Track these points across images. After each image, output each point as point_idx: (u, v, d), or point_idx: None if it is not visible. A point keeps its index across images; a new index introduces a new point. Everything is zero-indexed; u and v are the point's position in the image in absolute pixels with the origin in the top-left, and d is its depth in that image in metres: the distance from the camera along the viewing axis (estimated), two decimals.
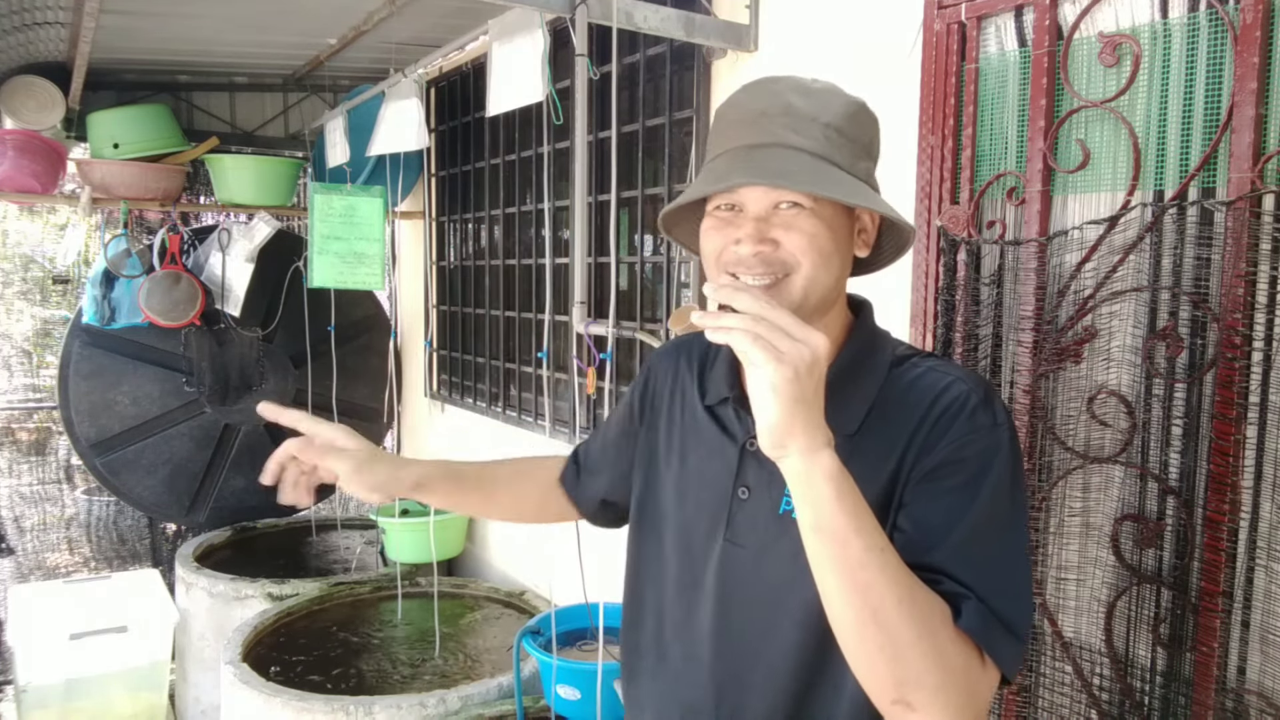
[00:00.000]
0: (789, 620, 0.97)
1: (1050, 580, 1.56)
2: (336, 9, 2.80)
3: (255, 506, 3.94)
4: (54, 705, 3.05)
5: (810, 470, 0.79)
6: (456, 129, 3.66)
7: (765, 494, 1.00)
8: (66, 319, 4.72)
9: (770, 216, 0.93)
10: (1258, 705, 1.32)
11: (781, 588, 0.98)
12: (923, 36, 1.73)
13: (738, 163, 0.92)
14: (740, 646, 1.02)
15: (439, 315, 3.94)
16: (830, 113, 0.95)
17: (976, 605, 0.84)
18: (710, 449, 1.07)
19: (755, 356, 0.76)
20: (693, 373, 1.14)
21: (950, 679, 0.81)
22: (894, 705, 0.81)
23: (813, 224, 0.93)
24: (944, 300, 1.70)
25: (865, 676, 0.83)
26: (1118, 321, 1.46)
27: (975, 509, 0.88)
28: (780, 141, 0.92)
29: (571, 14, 1.93)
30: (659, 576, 1.12)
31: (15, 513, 5.06)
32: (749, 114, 0.95)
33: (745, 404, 1.01)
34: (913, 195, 1.78)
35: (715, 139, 1.00)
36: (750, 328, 0.76)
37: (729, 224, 0.95)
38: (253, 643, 2.74)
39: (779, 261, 0.92)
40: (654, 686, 1.12)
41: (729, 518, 1.02)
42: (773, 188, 0.91)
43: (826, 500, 0.79)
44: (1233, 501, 1.32)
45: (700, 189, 0.95)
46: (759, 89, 0.97)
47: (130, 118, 3.45)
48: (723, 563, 1.03)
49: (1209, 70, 1.35)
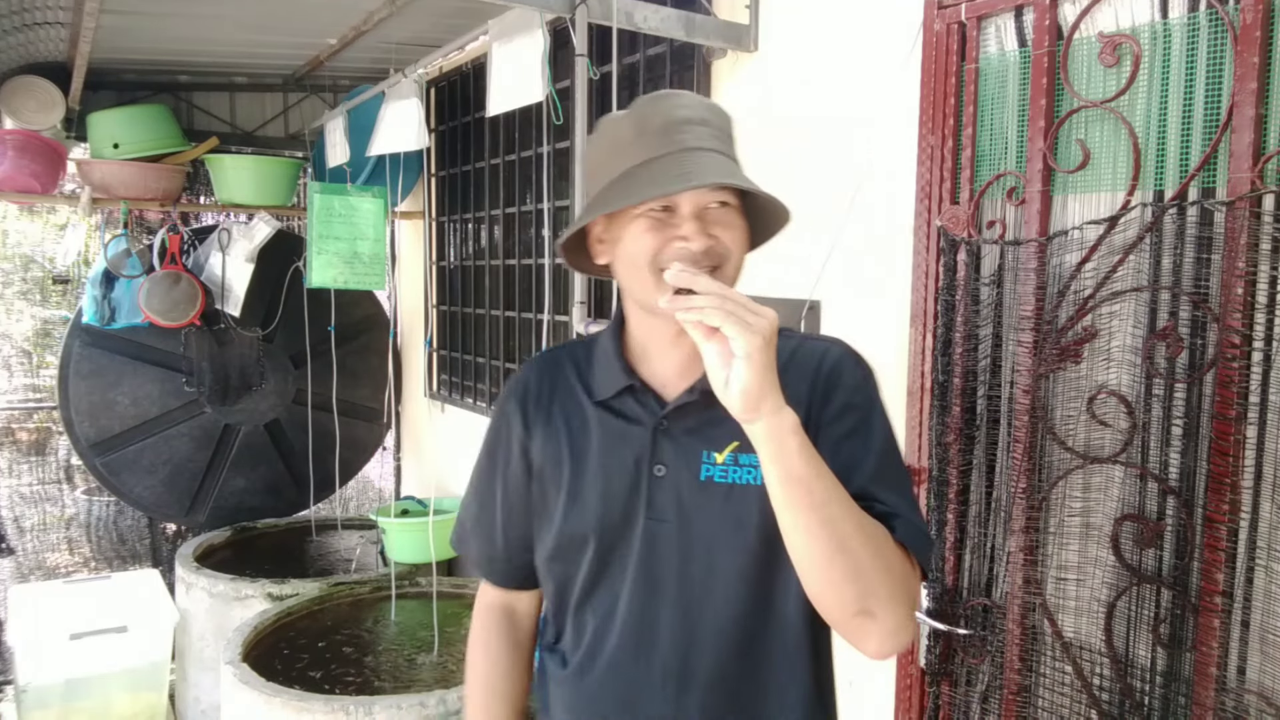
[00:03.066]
0: (728, 575, 1.06)
1: (1050, 580, 1.56)
2: (336, 9, 2.80)
3: (255, 506, 3.94)
4: (54, 705, 3.05)
5: (780, 427, 0.90)
6: (456, 129, 3.66)
7: (682, 467, 1.07)
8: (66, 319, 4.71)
9: (704, 214, 1.02)
10: (1258, 705, 1.32)
11: (715, 548, 1.06)
12: (923, 36, 1.73)
13: (683, 166, 0.99)
14: (683, 611, 1.07)
15: (439, 315, 3.94)
16: (724, 121, 1.08)
17: (903, 521, 1.00)
18: (612, 439, 1.11)
19: (730, 330, 0.86)
20: (574, 379, 1.17)
21: (898, 585, 0.95)
22: (856, 617, 0.94)
23: (737, 219, 1.04)
24: (944, 300, 1.70)
25: (832, 599, 0.95)
26: (1118, 321, 1.46)
27: (877, 441, 1.05)
28: (707, 147, 1.02)
29: (571, 14, 1.93)
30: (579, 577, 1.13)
31: (15, 513, 5.06)
32: (671, 121, 1.03)
33: (649, 390, 1.10)
34: (913, 195, 1.78)
35: (624, 148, 1.04)
36: (720, 305, 0.87)
37: (665, 224, 1.01)
38: (253, 643, 2.73)
39: (717, 254, 1.02)
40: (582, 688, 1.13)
41: (648, 498, 1.08)
42: (711, 188, 1.00)
43: (794, 452, 0.90)
44: (1233, 501, 1.32)
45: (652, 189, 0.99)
46: (670, 101, 1.06)
47: (130, 118, 3.45)
48: (648, 542, 1.08)
49: (1209, 70, 1.35)
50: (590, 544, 1.11)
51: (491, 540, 1.24)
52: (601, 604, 1.11)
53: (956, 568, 1.72)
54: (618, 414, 1.11)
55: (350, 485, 4.38)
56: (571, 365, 1.18)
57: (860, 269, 1.95)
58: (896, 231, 1.85)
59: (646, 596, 1.08)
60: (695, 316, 0.88)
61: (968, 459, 1.69)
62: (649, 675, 1.08)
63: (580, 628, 1.14)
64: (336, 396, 3.66)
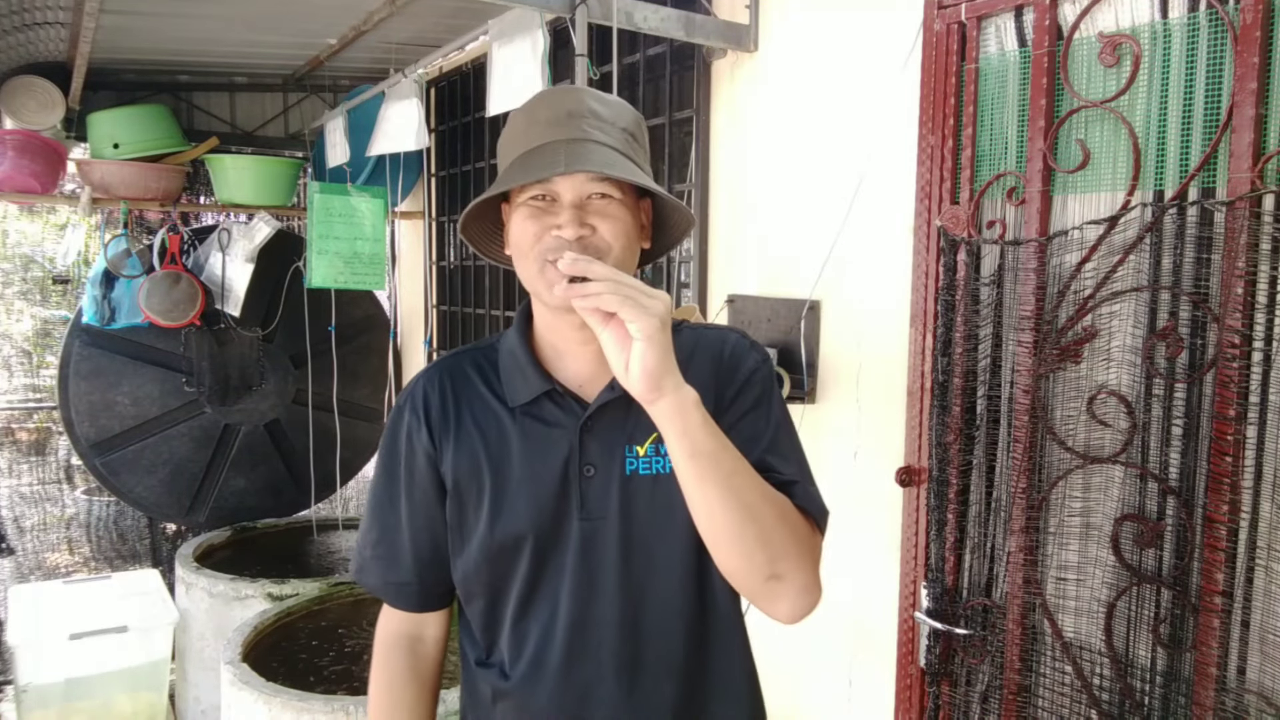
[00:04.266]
0: (668, 563, 1.09)
1: (1050, 580, 1.56)
2: (336, 9, 2.80)
3: (255, 506, 3.94)
4: (54, 705, 3.05)
5: (683, 403, 0.93)
6: (456, 129, 3.66)
7: (609, 465, 1.09)
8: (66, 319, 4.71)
9: (584, 205, 1.02)
10: (1258, 705, 1.32)
11: (651, 538, 1.09)
12: (923, 36, 1.73)
13: (559, 154, 0.99)
14: (627, 605, 1.08)
15: (439, 315, 3.94)
16: (624, 120, 1.07)
17: (801, 488, 1.06)
18: (535, 444, 1.10)
19: (627, 313, 0.88)
20: (482, 386, 1.14)
21: (802, 547, 1.01)
22: (768, 581, 0.99)
23: (621, 212, 1.03)
24: (944, 300, 1.70)
25: (743, 566, 0.99)
26: (1118, 321, 1.46)
27: (774, 417, 1.11)
28: (591, 138, 1.02)
29: (571, 14, 1.93)
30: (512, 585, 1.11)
31: (15, 513, 5.06)
32: (558, 114, 1.03)
33: (567, 393, 1.10)
34: (913, 195, 1.78)
35: (518, 136, 1.06)
36: (616, 290, 0.89)
37: (545, 213, 1.02)
38: (253, 643, 2.73)
39: (594, 246, 1.01)
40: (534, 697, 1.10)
41: (581, 498, 1.08)
42: (591, 178, 1.01)
43: (698, 426, 0.94)
44: (1233, 501, 1.32)
45: (525, 176, 1.00)
46: (562, 94, 1.07)
47: (130, 118, 3.44)
48: (584, 542, 1.08)
49: (1209, 70, 1.35)
50: (524, 551, 1.09)
51: (397, 564, 1.17)
52: (542, 610, 1.10)
53: (956, 568, 1.72)
54: (537, 419, 1.10)
55: (350, 485, 4.38)
56: (476, 373, 1.15)
57: (860, 269, 1.95)
58: (896, 231, 1.85)
59: (588, 596, 1.08)
60: (592, 303, 0.90)
61: (968, 459, 1.69)
62: (600, 672, 1.08)
63: (520, 637, 1.11)
64: (337, 396, 3.66)
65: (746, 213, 2.27)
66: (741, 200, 2.29)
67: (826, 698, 2.07)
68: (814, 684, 2.10)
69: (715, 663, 1.13)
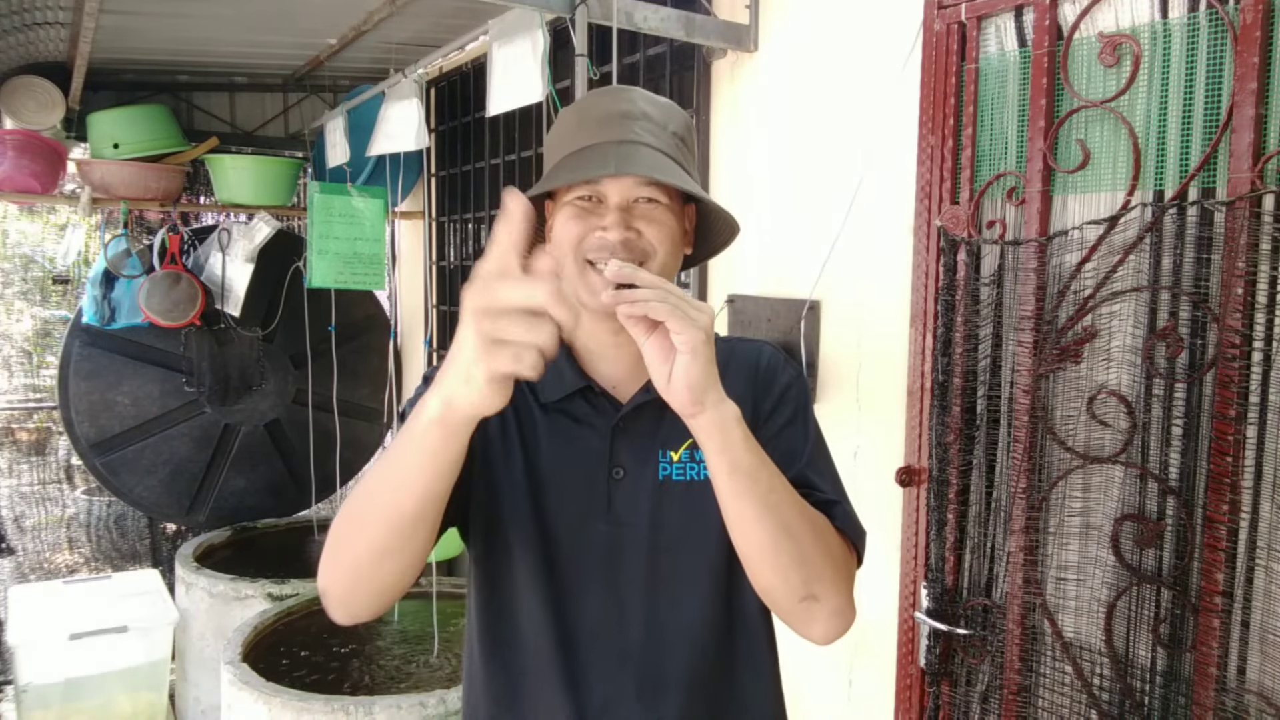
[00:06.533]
0: (695, 572, 1.07)
1: (1050, 580, 1.56)
2: (336, 9, 2.80)
3: (255, 506, 3.94)
4: (54, 705, 3.05)
5: (725, 419, 0.90)
6: (456, 129, 3.66)
7: (641, 468, 1.06)
8: (66, 319, 4.71)
9: (631, 208, 1.01)
10: (1258, 705, 1.32)
11: (680, 546, 1.06)
12: (923, 36, 1.73)
13: (609, 156, 0.99)
14: (652, 613, 1.05)
15: (439, 315, 3.94)
16: (675, 123, 1.06)
17: (840, 508, 1.04)
18: (563, 442, 1.07)
19: (674, 324, 0.85)
20: None
21: (839, 569, 0.99)
22: (803, 602, 0.97)
23: (667, 217, 1.02)
24: (944, 300, 1.70)
25: (779, 584, 0.97)
26: (1118, 321, 1.46)
27: (811, 433, 1.10)
28: (642, 141, 1.01)
29: (571, 14, 1.93)
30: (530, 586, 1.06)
31: (15, 513, 5.07)
32: (610, 114, 1.02)
33: (602, 392, 1.07)
34: (913, 195, 1.78)
35: (568, 134, 1.05)
36: (664, 299, 0.85)
37: (590, 213, 1.01)
38: (253, 643, 2.73)
39: (639, 249, 1.00)
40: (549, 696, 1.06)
41: (608, 500, 1.06)
42: (639, 182, 1.00)
43: (739, 442, 0.91)
44: (1233, 501, 1.32)
45: (573, 176, 0.99)
46: (615, 94, 1.06)
47: (130, 118, 3.44)
48: (609, 545, 1.05)
49: (1209, 70, 1.35)
50: (547, 549, 1.06)
51: None
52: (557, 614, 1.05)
53: (956, 568, 1.72)
54: (569, 416, 1.08)
55: (351, 485, 4.38)
56: None
57: (860, 269, 1.95)
58: (896, 231, 1.85)
59: (609, 603, 1.05)
60: (639, 310, 0.86)
61: (968, 459, 1.69)
62: (620, 687, 1.04)
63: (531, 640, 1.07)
64: (337, 396, 3.66)
65: (746, 213, 2.27)
66: (742, 200, 2.29)
67: (826, 698, 2.07)
68: (814, 684, 2.10)
69: (741, 679, 1.09)
